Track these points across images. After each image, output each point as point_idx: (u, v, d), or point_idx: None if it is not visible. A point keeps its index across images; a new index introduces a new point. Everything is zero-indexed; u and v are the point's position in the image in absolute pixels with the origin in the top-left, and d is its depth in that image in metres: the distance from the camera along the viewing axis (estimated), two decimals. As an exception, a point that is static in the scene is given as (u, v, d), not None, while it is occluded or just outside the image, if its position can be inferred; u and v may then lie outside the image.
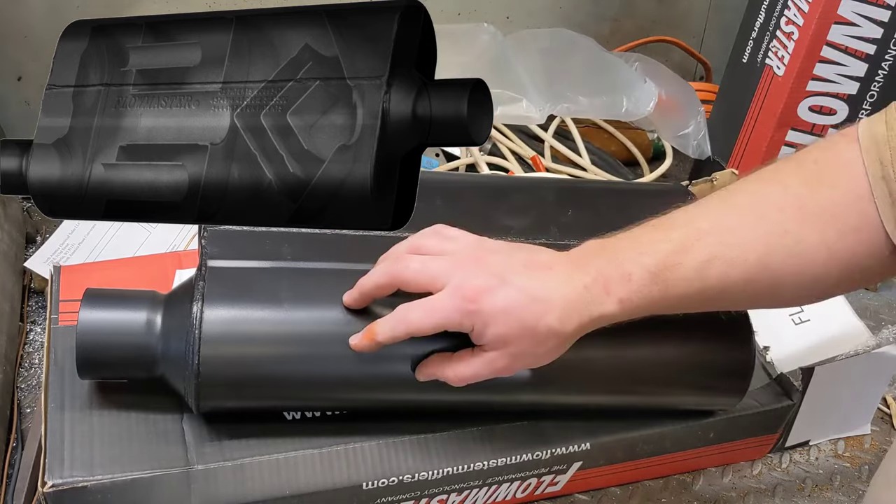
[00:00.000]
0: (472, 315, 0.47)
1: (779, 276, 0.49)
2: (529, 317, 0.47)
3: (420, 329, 0.48)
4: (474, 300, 0.47)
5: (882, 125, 0.48)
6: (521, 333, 0.48)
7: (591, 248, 0.51)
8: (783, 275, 0.49)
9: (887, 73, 0.82)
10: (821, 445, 0.70)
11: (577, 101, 0.90)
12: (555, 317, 0.47)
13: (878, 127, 0.48)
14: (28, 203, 0.83)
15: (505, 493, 0.60)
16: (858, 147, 0.48)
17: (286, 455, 0.53)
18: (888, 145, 0.47)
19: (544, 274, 0.49)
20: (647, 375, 0.58)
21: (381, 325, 0.49)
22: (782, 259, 0.48)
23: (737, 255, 0.48)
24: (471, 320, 0.48)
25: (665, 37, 1.15)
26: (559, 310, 0.48)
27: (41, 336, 0.72)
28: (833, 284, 0.50)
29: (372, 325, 0.49)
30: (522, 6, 1.09)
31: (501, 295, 0.47)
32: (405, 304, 0.49)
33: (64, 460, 0.50)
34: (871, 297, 0.86)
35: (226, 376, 0.51)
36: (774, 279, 0.49)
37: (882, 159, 0.47)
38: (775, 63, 0.87)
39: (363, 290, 0.51)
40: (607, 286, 0.48)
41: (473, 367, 0.49)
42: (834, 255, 0.48)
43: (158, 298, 0.54)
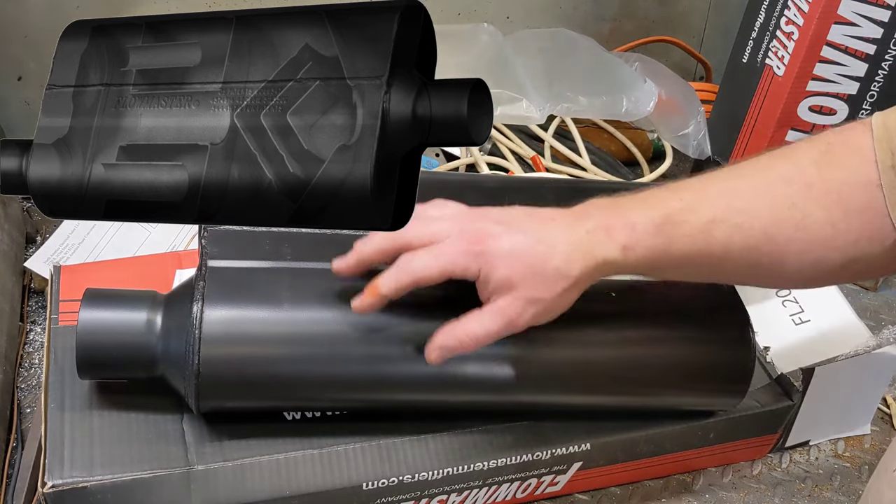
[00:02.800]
0: (478, 257, 0.48)
1: (782, 249, 0.49)
2: (535, 258, 0.48)
3: (425, 276, 0.48)
4: (480, 242, 0.48)
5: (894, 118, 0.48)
6: (527, 275, 0.48)
7: (595, 202, 0.51)
8: (787, 248, 0.49)
9: (887, 73, 0.82)
10: (821, 445, 0.70)
11: (577, 101, 0.90)
12: (560, 258, 0.48)
13: (892, 118, 0.48)
14: (28, 203, 0.83)
15: (505, 493, 0.60)
16: (871, 135, 0.48)
17: (286, 455, 0.53)
18: None
19: (547, 223, 0.50)
20: (647, 376, 0.58)
21: (385, 276, 0.48)
22: (788, 232, 0.48)
23: (743, 221, 0.49)
24: (477, 262, 0.48)
25: (665, 37, 1.15)
26: (564, 251, 0.48)
27: (41, 336, 0.72)
28: (835, 268, 0.49)
29: (374, 280, 0.49)
30: (522, 6, 1.09)
31: (507, 238, 0.48)
32: (408, 253, 0.49)
33: (64, 460, 0.50)
34: (871, 297, 0.86)
35: (226, 376, 0.51)
36: (778, 251, 0.49)
37: (893, 149, 0.47)
38: (775, 63, 0.87)
39: (361, 256, 0.50)
40: (610, 232, 0.49)
41: (484, 321, 0.48)
42: (838, 236, 0.48)
43: (158, 298, 0.54)
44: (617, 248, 0.49)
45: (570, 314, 0.51)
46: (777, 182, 0.49)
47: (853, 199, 0.47)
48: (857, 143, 0.48)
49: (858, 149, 0.48)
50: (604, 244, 0.49)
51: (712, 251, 0.49)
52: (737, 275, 0.54)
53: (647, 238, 0.49)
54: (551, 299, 0.49)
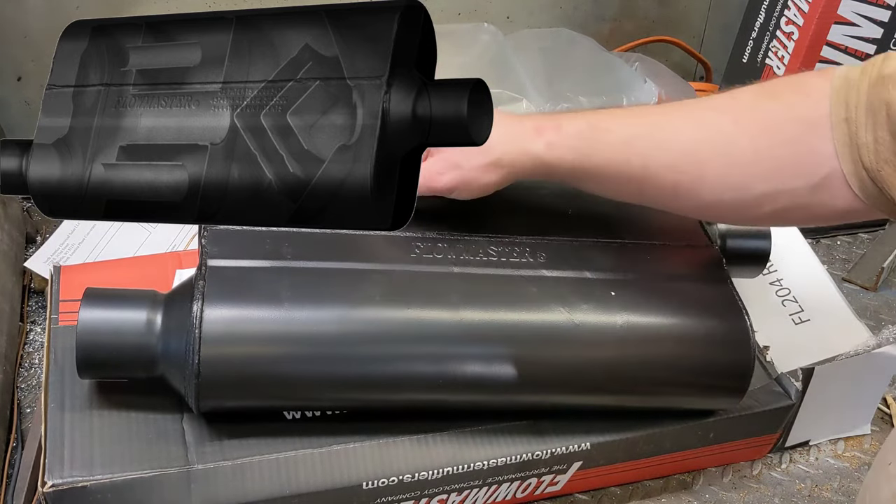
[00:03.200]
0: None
1: (702, 171, 0.50)
2: None
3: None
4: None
5: (858, 71, 0.48)
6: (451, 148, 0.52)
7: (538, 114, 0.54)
8: (707, 169, 0.50)
9: (887, 73, 0.82)
10: (821, 445, 0.70)
11: (577, 101, 0.90)
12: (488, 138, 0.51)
13: (853, 72, 0.48)
14: (28, 203, 0.83)
15: (505, 493, 0.60)
16: (829, 85, 0.48)
17: (286, 455, 0.53)
18: (857, 89, 0.47)
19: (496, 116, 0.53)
20: (646, 376, 0.58)
21: None
22: (708, 153, 0.50)
23: (664, 138, 0.51)
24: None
25: (665, 37, 1.15)
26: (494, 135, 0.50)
27: (41, 336, 0.72)
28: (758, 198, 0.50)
29: None
30: (523, 6, 1.09)
31: None
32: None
33: (64, 460, 0.50)
34: (871, 297, 0.86)
35: (226, 376, 0.51)
36: (698, 172, 0.50)
37: (848, 101, 0.47)
38: (775, 63, 0.87)
39: None
40: (539, 130, 0.52)
41: None
42: (761, 162, 0.49)
43: (158, 298, 0.54)
44: (541, 145, 0.52)
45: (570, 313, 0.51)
46: (708, 110, 0.51)
47: (783, 130, 0.48)
48: (805, 83, 0.49)
49: (804, 88, 0.49)
50: (531, 139, 0.52)
51: (632, 164, 0.51)
52: (658, 196, 0.54)
53: (570, 139, 0.52)
54: (470, 168, 0.52)
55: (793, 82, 0.50)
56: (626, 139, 0.51)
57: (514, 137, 0.53)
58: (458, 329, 0.54)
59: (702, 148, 0.50)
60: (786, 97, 0.49)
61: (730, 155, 0.49)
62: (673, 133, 0.50)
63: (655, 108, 0.54)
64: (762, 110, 0.49)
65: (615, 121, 0.52)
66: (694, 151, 0.50)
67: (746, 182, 0.49)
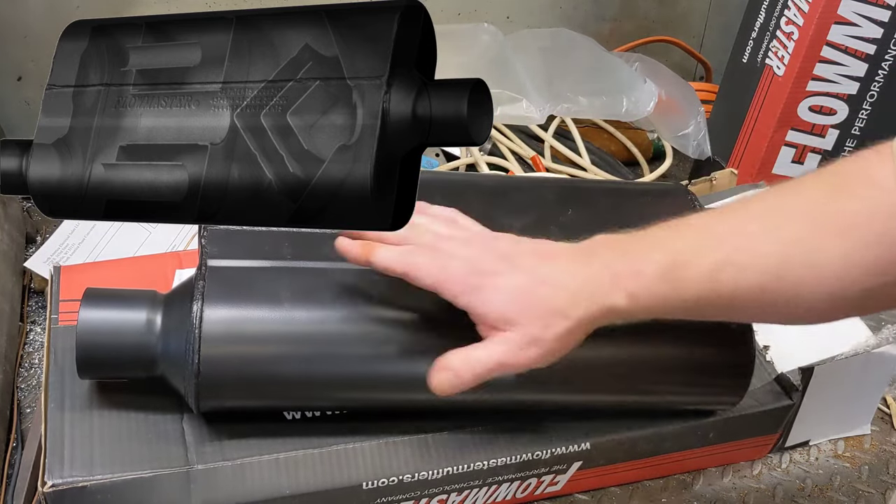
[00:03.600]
0: (473, 290, 0.48)
1: (794, 288, 0.47)
2: (537, 299, 0.47)
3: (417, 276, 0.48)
4: (480, 275, 0.48)
5: None
6: (529, 315, 0.47)
7: (600, 240, 0.51)
8: (798, 286, 0.47)
9: (887, 73, 0.82)
10: (821, 445, 0.70)
11: (577, 101, 0.90)
12: (562, 299, 0.47)
13: None
14: (28, 203, 0.83)
15: (505, 493, 0.60)
16: (891, 164, 0.45)
17: (286, 455, 0.53)
18: None
19: (551, 262, 0.49)
20: (647, 375, 0.58)
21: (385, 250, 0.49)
22: (797, 269, 0.47)
23: (749, 262, 0.47)
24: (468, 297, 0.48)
25: (665, 37, 1.15)
26: (567, 294, 0.47)
27: (41, 336, 0.72)
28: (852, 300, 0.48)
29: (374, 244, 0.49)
30: (522, 6, 1.09)
31: (508, 277, 0.48)
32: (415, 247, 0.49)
33: (64, 460, 0.50)
34: (871, 297, 0.86)
35: (226, 376, 0.51)
36: (789, 290, 0.47)
37: None
38: (775, 63, 0.87)
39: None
40: (616, 279, 0.48)
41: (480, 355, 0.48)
42: (851, 268, 0.46)
43: (158, 298, 0.54)
44: (623, 297, 0.48)
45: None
46: (784, 219, 0.48)
47: (867, 229, 0.46)
48: (872, 173, 0.46)
49: (873, 179, 0.46)
50: (609, 291, 0.48)
51: (720, 294, 0.48)
52: (749, 314, 0.53)
53: (653, 285, 0.48)
54: (551, 340, 0.48)
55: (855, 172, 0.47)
56: (710, 270, 0.47)
57: (590, 293, 0.48)
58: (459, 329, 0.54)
59: (790, 265, 0.47)
60: (858, 192, 0.46)
61: (817, 265, 0.46)
62: (755, 257, 0.47)
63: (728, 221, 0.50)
64: (841, 212, 0.46)
65: (691, 250, 0.48)
66: (782, 271, 0.47)
67: (839, 288, 0.47)
